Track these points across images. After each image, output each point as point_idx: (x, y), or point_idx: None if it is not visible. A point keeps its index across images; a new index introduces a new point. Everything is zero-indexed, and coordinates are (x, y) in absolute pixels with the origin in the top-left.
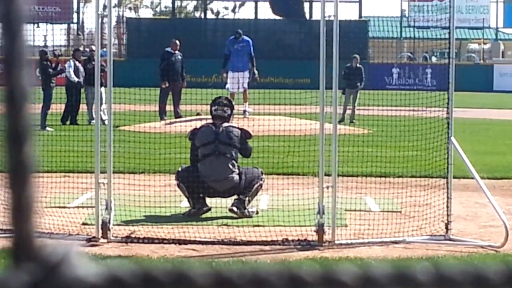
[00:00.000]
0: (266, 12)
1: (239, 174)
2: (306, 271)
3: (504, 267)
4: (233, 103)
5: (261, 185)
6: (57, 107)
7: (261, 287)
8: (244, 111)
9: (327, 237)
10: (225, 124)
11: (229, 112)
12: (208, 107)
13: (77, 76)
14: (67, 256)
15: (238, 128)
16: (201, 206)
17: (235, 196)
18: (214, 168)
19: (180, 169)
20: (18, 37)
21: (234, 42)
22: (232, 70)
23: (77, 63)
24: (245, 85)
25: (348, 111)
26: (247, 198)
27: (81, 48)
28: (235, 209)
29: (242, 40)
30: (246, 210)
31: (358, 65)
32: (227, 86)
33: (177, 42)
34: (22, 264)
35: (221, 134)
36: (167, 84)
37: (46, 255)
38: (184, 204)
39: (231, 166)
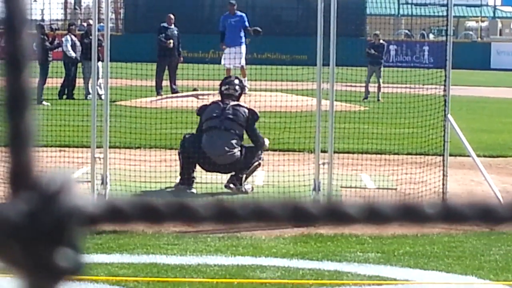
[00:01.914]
0: None
1: (241, 151)
2: (311, 203)
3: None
4: (246, 79)
5: (259, 164)
6: (54, 82)
7: (264, 219)
8: (244, 86)
9: None
10: (233, 102)
11: (239, 91)
12: (204, 82)
13: (74, 51)
14: (66, 185)
15: (247, 108)
16: (187, 187)
17: (233, 173)
18: (216, 141)
19: (184, 137)
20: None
21: (228, 17)
22: (228, 45)
23: (73, 37)
24: (243, 62)
25: (372, 89)
26: (244, 175)
27: (78, 23)
28: (231, 185)
29: (236, 15)
30: (242, 186)
31: (380, 41)
32: (223, 61)
33: (172, 16)
34: (19, 193)
35: (228, 110)
36: (182, 59)
37: (44, 183)
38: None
39: (233, 142)
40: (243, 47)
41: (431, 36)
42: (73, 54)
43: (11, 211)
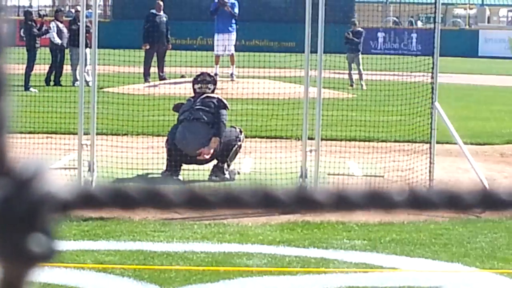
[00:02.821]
0: None
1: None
2: (281, 190)
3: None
4: (218, 68)
5: (239, 146)
6: (41, 68)
7: (235, 205)
8: (231, 74)
9: None
10: (204, 95)
11: (212, 88)
12: (192, 69)
13: (60, 37)
14: (40, 172)
15: (217, 97)
16: (173, 173)
17: (214, 162)
18: (186, 134)
19: (171, 128)
20: None
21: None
22: (217, 32)
23: (59, 24)
24: (232, 49)
25: (355, 76)
26: (225, 164)
27: (66, 9)
28: (214, 178)
29: (228, 2)
30: (226, 175)
31: (357, 29)
32: (215, 49)
33: (161, 3)
34: None
35: (198, 102)
36: (147, 46)
37: (18, 170)
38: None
39: (205, 131)
40: (233, 34)
41: (419, 24)
42: (58, 41)
43: None
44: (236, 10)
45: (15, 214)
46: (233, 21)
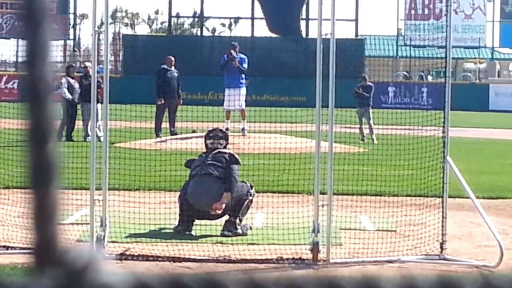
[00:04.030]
0: (262, 30)
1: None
2: (302, 279)
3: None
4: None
5: (251, 201)
6: (55, 125)
7: None
8: (243, 128)
9: (321, 255)
10: (216, 150)
11: (224, 144)
12: (204, 124)
13: (71, 93)
14: (93, 261)
15: (228, 152)
16: (186, 228)
17: (226, 217)
18: (198, 188)
19: (184, 184)
20: (41, 29)
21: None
22: (228, 87)
23: (70, 80)
24: (242, 105)
25: (366, 130)
26: (237, 219)
27: (77, 64)
28: (226, 233)
29: (238, 57)
30: (238, 230)
31: (367, 83)
32: (225, 104)
33: (172, 58)
34: (45, 269)
35: (210, 156)
36: (163, 101)
37: (71, 259)
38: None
39: (217, 186)
40: (243, 89)
41: (430, 78)
42: (69, 97)
43: None
44: (245, 65)
45: None
46: (243, 76)
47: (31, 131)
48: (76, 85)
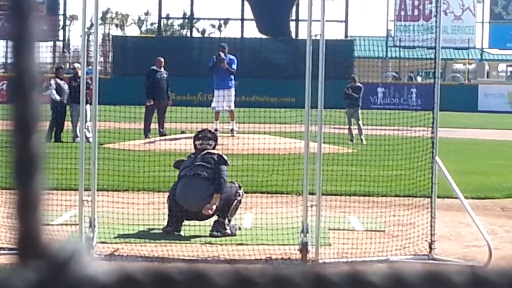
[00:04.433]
0: (252, 31)
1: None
2: (332, 271)
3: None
4: (218, 123)
5: (239, 201)
6: (43, 125)
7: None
8: (232, 129)
9: (310, 256)
10: (204, 151)
11: (213, 144)
12: (193, 125)
13: (60, 94)
14: (76, 254)
15: (217, 153)
16: (174, 228)
17: (215, 218)
18: (186, 189)
19: (173, 185)
20: (29, 57)
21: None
22: (217, 88)
23: (59, 81)
24: (232, 106)
25: (355, 131)
26: (226, 219)
27: (67, 66)
28: (215, 233)
29: (227, 58)
30: (227, 230)
31: (357, 84)
32: (213, 104)
33: (162, 59)
34: (28, 261)
35: (198, 158)
36: (152, 102)
37: (54, 252)
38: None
39: (205, 187)
40: (232, 90)
41: (419, 79)
42: (57, 98)
43: (20, 280)
44: (234, 66)
45: None
46: (232, 77)
47: (15, 123)
48: (65, 87)
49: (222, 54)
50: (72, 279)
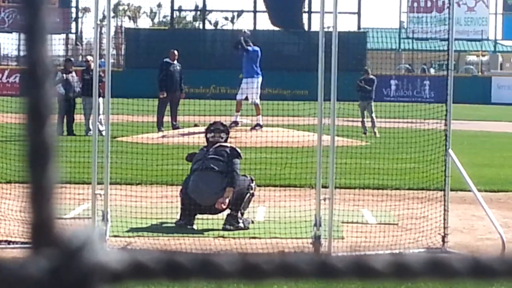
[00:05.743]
0: (265, 23)
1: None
2: (338, 258)
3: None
4: (239, 116)
5: (252, 195)
6: (54, 117)
7: (292, 273)
8: (258, 124)
9: (323, 249)
10: (217, 144)
11: (225, 137)
12: (205, 118)
13: (68, 87)
14: (89, 241)
15: (229, 146)
16: (187, 222)
17: (228, 211)
18: (199, 182)
19: (186, 178)
20: (42, 47)
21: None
22: (244, 77)
23: (65, 74)
24: (256, 100)
25: (368, 124)
26: (239, 213)
27: (79, 58)
28: (228, 227)
29: (252, 49)
30: (240, 224)
31: (370, 76)
32: (239, 95)
33: (175, 52)
34: (41, 249)
35: (211, 151)
36: (165, 95)
37: (67, 239)
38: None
39: (217, 181)
40: (259, 80)
41: (432, 71)
42: (62, 91)
43: (33, 268)
44: (258, 58)
45: (64, 285)
46: (257, 66)
47: (29, 115)
48: (74, 79)
49: (243, 40)
50: (84, 266)
